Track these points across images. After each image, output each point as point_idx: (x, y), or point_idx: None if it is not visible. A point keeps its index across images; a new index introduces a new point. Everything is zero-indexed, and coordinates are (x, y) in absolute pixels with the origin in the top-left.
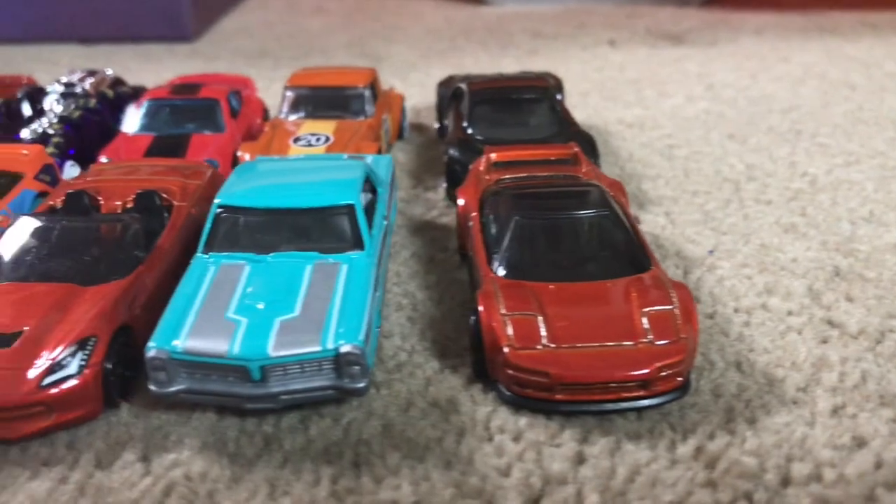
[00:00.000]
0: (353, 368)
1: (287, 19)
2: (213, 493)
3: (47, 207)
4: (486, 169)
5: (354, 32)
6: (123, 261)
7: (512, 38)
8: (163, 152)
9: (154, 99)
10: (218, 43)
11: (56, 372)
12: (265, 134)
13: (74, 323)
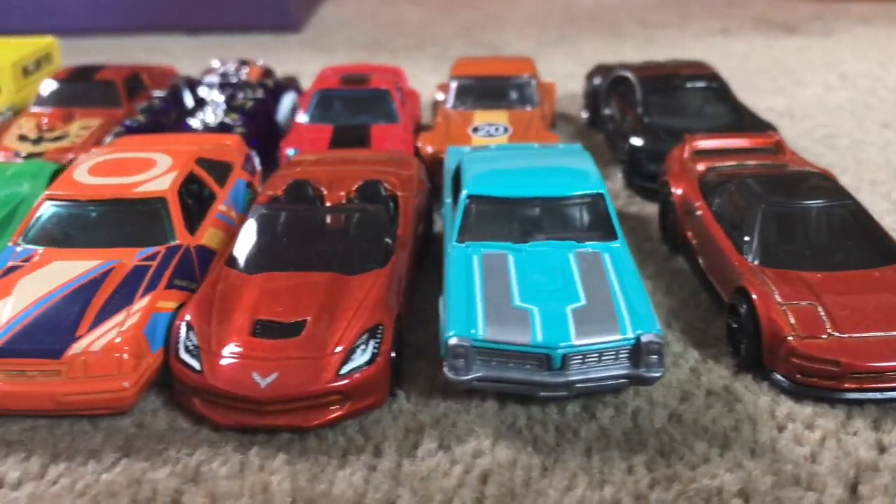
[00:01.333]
0: (652, 357)
1: (384, 9)
2: (528, 482)
3: (269, 198)
4: (690, 157)
5: (457, 22)
6: (379, 249)
7: (620, 27)
8: (346, 143)
9: (325, 90)
10: (324, 33)
11: (351, 360)
12: (439, 124)
13: (358, 312)
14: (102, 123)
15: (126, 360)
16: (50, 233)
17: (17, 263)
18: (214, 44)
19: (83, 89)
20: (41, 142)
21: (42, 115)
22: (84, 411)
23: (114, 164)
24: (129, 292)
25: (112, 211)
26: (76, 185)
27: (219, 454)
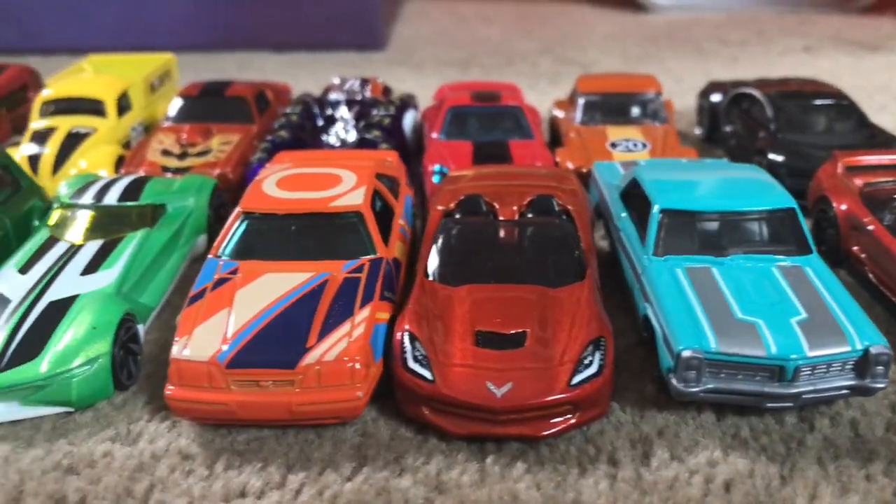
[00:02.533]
0: (879, 368)
1: (459, 28)
2: (770, 490)
3: (443, 212)
4: (844, 173)
5: (536, 40)
6: (574, 263)
7: (699, 45)
8: (488, 159)
9: (458, 107)
10: (408, 51)
11: (581, 371)
12: (572, 140)
13: (576, 324)
14: (241, 139)
15: (358, 370)
16: (250, 246)
17: (224, 276)
18: (303, 61)
19: (215, 105)
20: (186, 157)
21: (180, 130)
22: (316, 420)
23: (299, 178)
24: (347, 304)
25: (310, 224)
26: (270, 199)
27: (455, 463)
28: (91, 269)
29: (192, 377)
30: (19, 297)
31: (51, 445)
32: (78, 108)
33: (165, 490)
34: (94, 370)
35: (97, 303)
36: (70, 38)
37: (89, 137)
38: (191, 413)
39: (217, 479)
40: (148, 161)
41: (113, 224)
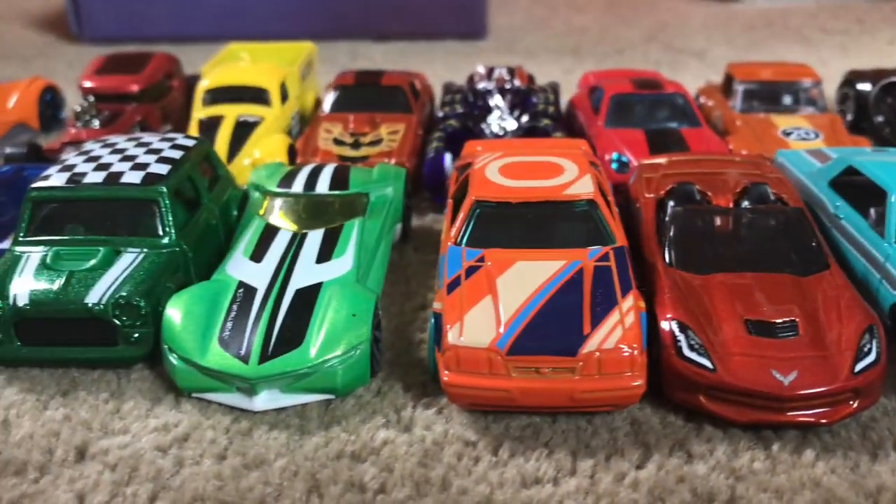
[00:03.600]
0: None
1: (551, 16)
2: None
3: (655, 200)
4: None
5: (637, 28)
6: (815, 251)
7: (803, 34)
8: (663, 147)
9: (621, 94)
10: (509, 40)
11: (862, 359)
12: (739, 128)
13: (842, 312)
14: (406, 128)
15: (636, 358)
16: (486, 234)
17: (473, 264)
18: (410, 50)
19: (373, 95)
20: (360, 146)
21: (344, 119)
22: (594, 407)
23: (521, 167)
24: (607, 292)
25: (545, 213)
26: (501, 188)
27: (740, 450)
28: (324, 258)
29: (470, 364)
30: (264, 285)
31: (327, 433)
32: (242, 97)
33: (461, 476)
34: (356, 357)
35: (348, 290)
36: (174, 27)
37: (258, 126)
38: (468, 399)
39: (506, 465)
40: (322, 150)
41: (328, 213)
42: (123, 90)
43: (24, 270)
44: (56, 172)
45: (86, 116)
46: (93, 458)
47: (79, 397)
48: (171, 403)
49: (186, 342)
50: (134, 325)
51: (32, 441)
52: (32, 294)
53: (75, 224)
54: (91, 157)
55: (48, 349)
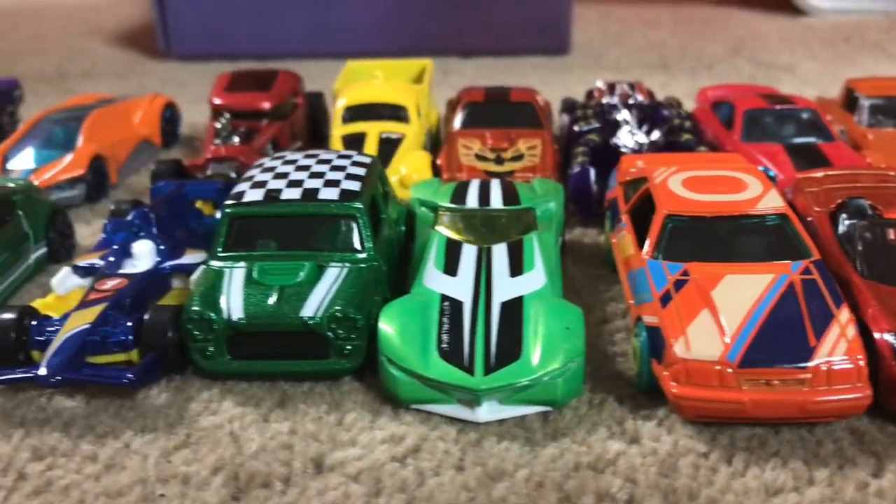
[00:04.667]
0: None
1: (627, 31)
2: None
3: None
4: None
5: (718, 42)
6: None
7: (884, 47)
8: (806, 162)
9: (754, 109)
10: (594, 55)
11: None
12: (872, 143)
13: None
14: (542, 143)
15: (861, 369)
16: (683, 248)
17: (679, 278)
18: (498, 65)
19: (504, 111)
20: (502, 162)
21: (480, 135)
22: (822, 418)
23: (703, 181)
24: (821, 305)
25: (739, 227)
26: (690, 202)
27: None
28: (517, 271)
29: (699, 376)
30: (469, 298)
31: (557, 444)
32: (381, 114)
33: (704, 486)
34: (574, 370)
35: (553, 304)
36: (261, 44)
37: (401, 143)
38: (698, 411)
39: (744, 475)
40: (466, 166)
41: (503, 227)
42: (255, 107)
43: (231, 285)
44: (249, 189)
45: (224, 133)
46: (332, 470)
47: (298, 410)
48: (391, 415)
49: (407, 354)
50: (348, 337)
51: (267, 453)
52: (247, 308)
53: (272, 239)
54: (278, 174)
55: (259, 362)
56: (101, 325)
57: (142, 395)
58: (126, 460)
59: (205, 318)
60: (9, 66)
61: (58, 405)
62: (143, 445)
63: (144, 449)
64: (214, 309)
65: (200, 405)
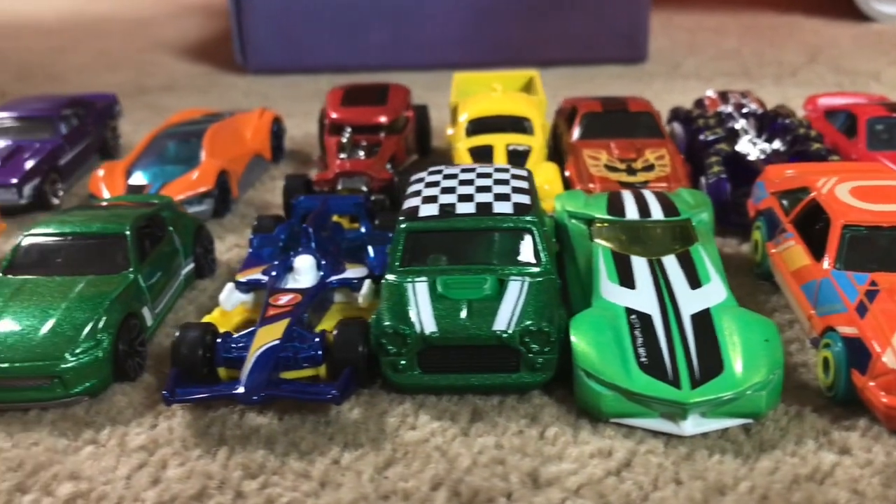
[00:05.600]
0: None
1: (697, 39)
2: None
3: None
4: None
5: (793, 51)
6: None
7: None
8: None
9: (877, 118)
10: (670, 63)
11: None
12: None
13: None
14: (668, 153)
15: None
16: (863, 257)
17: (868, 288)
18: (578, 75)
19: (623, 121)
20: (635, 172)
21: (604, 146)
22: None
23: (871, 191)
24: None
25: None
26: (867, 212)
27: None
28: (695, 284)
29: None
30: (657, 311)
31: (769, 456)
32: (503, 126)
33: None
34: (775, 382)
35: (745, 316)
36: (338, 57)
37: (529, 155)
38: None
39: None
40: (598, 177)
41: (665, 238)
42: (374, 122)
43: (417, 300)
44: (421, 204)
45: (348, 148)
46: (550, 485)
47: (497, 424)
48: (591, 429)
49: (608, 368)
50: (541, 351)
51: (480, 468)
52: (439, 323)
53: (447, 254)
54: (445, 189)
55: (450, 376)
56: (289, 341)
57: (334, 410)
58: (339, 477)
59: (399, 333)
60: (84, 81)
61: (251, 422)
62: (353, 462)
63: (355, 465)
64: (407, 323)
65: (396, 419)
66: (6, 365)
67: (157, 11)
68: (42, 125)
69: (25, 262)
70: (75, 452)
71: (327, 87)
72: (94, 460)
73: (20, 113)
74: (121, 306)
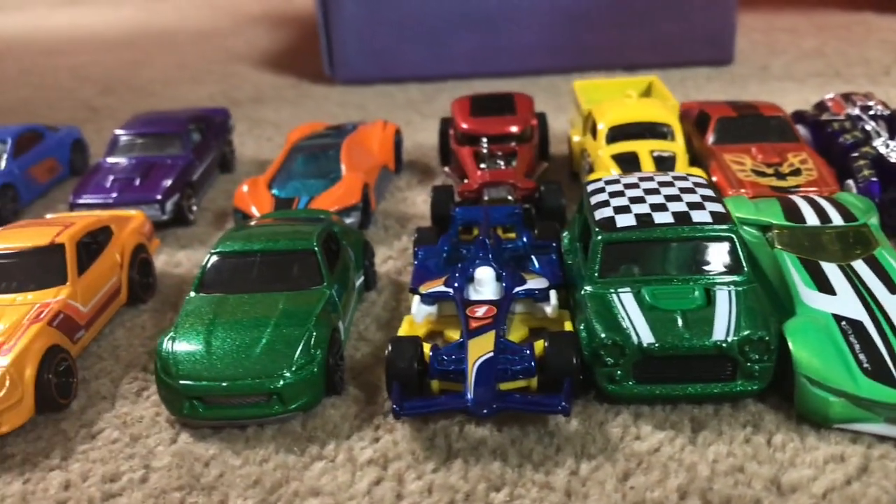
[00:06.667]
0: None
1: (775, 39)
2: None
3: None
4: None
5: (872, 49)
6: None
7: None
8: None
9: None
10: (757, 64)
11: None
12: None
13: None
14: (810, 157)
15: None
16: None
17: None
18: (669, 78)
19: (757, 125)
20: (783, 177)
21: (746, 151)
22: None
23: None
24: None
25: None
26: None
27: None
28: (892, 288)
29: None
30: (866, 317)
31: None
32: (642, 133)
33: None
34: None
35: None
36: (426, 67)
37: (675, 161)
38: None
39: None
40: (748, 181)
41: (848, 243)
42: (506, 132)
43: (627, 311)
44: (615, 214)
45: (486, 158)
46: (794, 491)
47: (722, 432)
48: (816, 435)
49: (833, 374)
50: (760, 359)
51: (721, 476)
52: (657, 334)
53: (645, 264)
54: (633, 199)
55: (665, 386)
56: (501, 353)
57: (553, 421)
58: (581, 488)
59: (618, 344)
60: (171, 94)
61: (474, 434)
62: (591, 473)
63: (594, 476)
64: (623, 335)
65: (618, 430)
66: (226, 384)
67: (219, 23)
68: (171, 141)
69: (217, 280)
70: (306, 468)
71: (419, 96)
72: (329, 476)
73: (148, 129)
74: (326, 321)
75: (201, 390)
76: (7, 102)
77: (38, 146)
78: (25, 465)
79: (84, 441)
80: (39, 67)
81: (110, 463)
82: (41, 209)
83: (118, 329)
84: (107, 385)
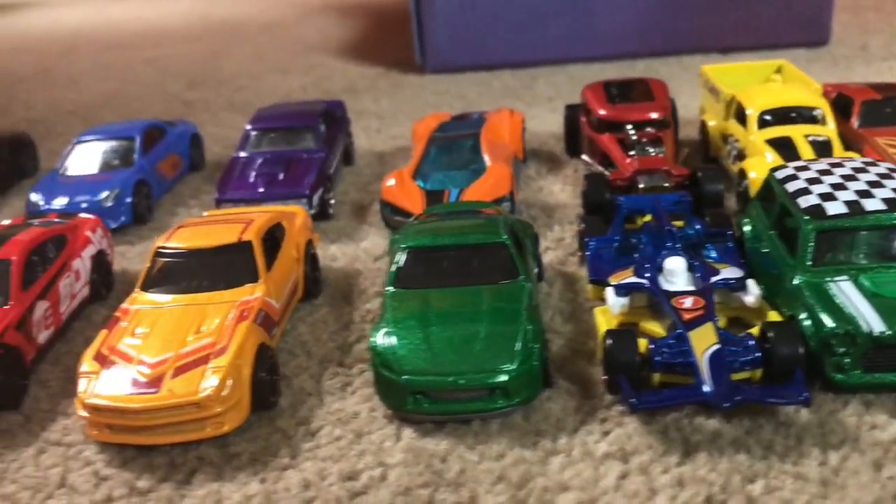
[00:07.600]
0: None
1: (861, 20)
2: None
3: None
4: None
5: None
6: None
7: None
8: None
9: None
10: (854, 45)
11: None
12: None
13: None
14: None
15: None
16: None
17: None
18: None
19: None
20: None
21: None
22: None
23: None
24: None
25: None
26: None
27: None
28: None
29: None
30: None
31: None
32: (793, 117)
33: None
34: None
35: None
36: (516, 53)
37: (831, 145)
38: None
39: None
40: None
41: None
42: (648, 118)
43: (850, 299)
44: (823, 202)
45: (634, 145)
46: None
47: None
48: None
49: None
50: None
51: None
52: (889, 322)
53: (858, 251)
54: (835, 185)
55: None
56: (724, 344)
57: (782, 412)
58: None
59: (849, 334)
60: (260, 85)
61: (706, 426)
62: (841, 462)
63: (845, 466)
64: (853, 324)
65: (853, 419)
66: (451, 378)
67: (284, 13)
68: (304, 134)
69: (413, 275)
70: (545, 463)
71: (514, 83)
72: (571, 470)
73: (281, 124)
74: (535, 314)
75: (426, 384)
76: (90, 97)
77: (162, 142)
78: (256, 464)
79: (306, 439)
80: (115, 61)
81: (342, 461)
82: (170, 205)
83: (300, 325)
84: (308, 382)
